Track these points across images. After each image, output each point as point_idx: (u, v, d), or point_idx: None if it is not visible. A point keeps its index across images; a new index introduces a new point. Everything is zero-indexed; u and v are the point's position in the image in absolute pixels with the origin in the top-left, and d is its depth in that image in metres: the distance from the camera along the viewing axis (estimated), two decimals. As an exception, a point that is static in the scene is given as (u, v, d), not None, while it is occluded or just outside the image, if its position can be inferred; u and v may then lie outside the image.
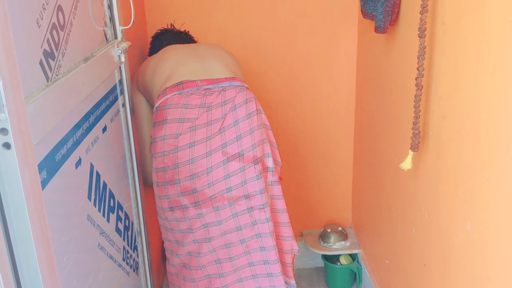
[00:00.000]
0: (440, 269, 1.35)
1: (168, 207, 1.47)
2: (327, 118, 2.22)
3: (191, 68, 1.53)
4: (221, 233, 1.48)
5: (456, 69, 1.19)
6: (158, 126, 1.44)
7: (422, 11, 1.25)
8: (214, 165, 1.42)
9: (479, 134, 1.09)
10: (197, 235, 1.48)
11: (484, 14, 1.05)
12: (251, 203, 1.46)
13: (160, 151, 1.44)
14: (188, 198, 1.44)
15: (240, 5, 2.04)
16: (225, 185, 1.44)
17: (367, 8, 1.72)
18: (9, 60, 0.67)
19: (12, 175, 0.68)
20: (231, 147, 1.44)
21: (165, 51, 1.63)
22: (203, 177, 1.42)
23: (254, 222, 1.48)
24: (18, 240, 0.71)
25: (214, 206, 1.45)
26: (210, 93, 1.47)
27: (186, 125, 1.42)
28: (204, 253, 1.50)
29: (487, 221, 1.08)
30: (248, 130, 1.46)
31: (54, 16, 0.89)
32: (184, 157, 1.41)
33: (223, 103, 1.46)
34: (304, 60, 2.13)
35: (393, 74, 1.64)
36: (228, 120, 1.45)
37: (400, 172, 1.61)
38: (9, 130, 0.67)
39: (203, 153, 1.42)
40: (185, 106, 1.44)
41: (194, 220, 1.46)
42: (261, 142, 1.49)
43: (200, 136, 1.42)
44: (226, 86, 1.50)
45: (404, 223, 1.62)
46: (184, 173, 1.42)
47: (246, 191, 1.45)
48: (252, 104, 1.49)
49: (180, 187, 1.43)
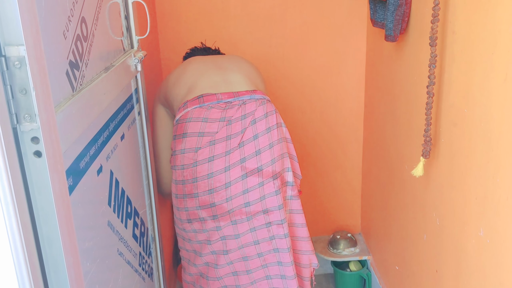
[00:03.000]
0: (452, 275, 1.36)
1: (186, 219, 1.48)
2: (336, 125, 2.24)
3: (212, 80, 1.54)
4: (238, 246, 1.48)
5: (467, 77, 1.21)
6: (178, 139, 1.45)
7: (433, 20, 1.27)
8: (233, 180, 1.42)
9: (491, 141, 1.11)
10: (215, 246, 1.49)
11: (495, 23, 1.07)
12: (269, 218, 1.46)
13: (180, 164, 1.45)
14: (207, 212, 1.45)
15: (250, 14, 2.07)
16: (243, 199, 1.44)
17: (376, 17, 1.75)
18: (40, 71, 0.69)
19: (42, 182, 0.70)
20: (250, 162, 1.43)
21: (187, 63, 1.63)
22: (222, 191, 1.42)
23: (272, 237, 1.48)
24: (47, 245, 0.74)
25: (232, 219, 1.45)
26: (230, 107, 1.47)
27: (205, 139, 1.42)
28: (222, 264, 1.50)
29: (500, 227, 1.10)
30: (267, 145, 1.45)
31: (79, 27, 0.91)
32: (203, 171, 1.42)
33: (243, 117, 1.46)
34: (314, 68, 2.16)
35: (403, 82, 1.66)
36: (248, 134, 1.45)
37: (410, 178, 1.63)
38: (41, 139, 0.69)
39: (221, 167, 1.42)
40: (205, 120, 1.44)
41: (212, 232, 1.47)
42: (281, 157, 1.49)
43: (219, 151, 1.42)
44: (246, 99, 1.49)
45: (415, 229, 1.63)
46: (203, 187, 1.42)
47: (264, 206, 1.45)
48: (273, 117, 1.49)
49: (198, 201, 1.44)
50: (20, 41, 0.65)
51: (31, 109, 0.68)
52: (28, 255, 0.67)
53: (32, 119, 0.68)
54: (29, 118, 0.68)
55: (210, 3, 2.04)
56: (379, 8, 1.71)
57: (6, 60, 0.65)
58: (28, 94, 0.67)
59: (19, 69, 0.66)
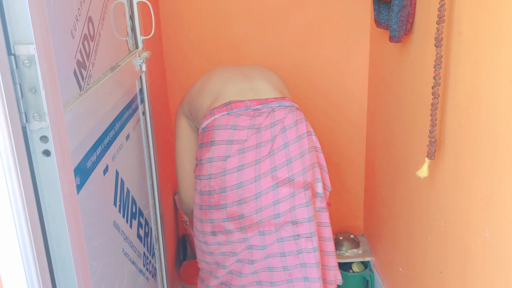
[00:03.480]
0: (457, 276, 1.36)
1: (211, 231, 1.41)
2: (339, 126, 2.24)
3: (239, 88, 1.48)
4: (264, 256, 1.42)
5: (473, 78, 1.21)
6: (205, 147, 1.39)
7: (438, 21, 1.27)
8: (263, 190, 1.36)
9: (497, 142, 1.11)
10: (241, 255, 1.43)
11: (501, 23, 1.06)
12: (298, 230, 1.40)
13: (206, 173, 1.38)
14: (234, 224, 1.38)
15: (254, 14, 2.07)
16: (273, 211, 1.37)
17: (380, 18, 1.75)
18: (49, 70, 0.69)
19: (51, 181, 0.70)
20: (281, 172, 1.37)
21: (211, 72, 1.59)
22: (252, 202, 1.36)
23: (299, 251, 1.41)
24: (55, 244, 0.74)
25: (260, 230, 1.39)
26: (259, 114, 1.41)
27: (234, 147, 1.36)
28: (246, 273, 1.44)
29: (506, 228, 1.09)
30: (298, 154, 1.39)
31: (86, 27, 0.91)
32: (232, 181, 1.35)
33: (272, 125, 1.40)
34: (317, 69, 2.16)
35: (407, 83, 1.66)
36: (278, 142, 1.38)
37: (415, 180, 1.62)
38: (50, 138, 0.69)
39: (252, 177, 1.36)
40: (233, 128, 1.38)
41: (238, 244, 1.41)
42: (312, 167, 1.43)
43: (249, 159, 1.36)
44: (275, 107, 1.44)
45: (419, 231, 1.63)
46: (232, 198, 1.36)
47: (293, 217, 1.39)
48: (303, 125, 1.43)
49: (226, 212, 1.38)
50: (30, 39, 0.65)
51: (40, 108, 0.68)
52: (37, 253, 0.67)
53: (41, 118, 0.68)
54: (38, 117, 0.68)
55: (213, 3, 2.04)
56: (383, 9, 1.71)
57: (15, 58, 0.65)
58: (38, 93, 0.67)
59: (28, 67, 0.66)
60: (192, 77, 2.12)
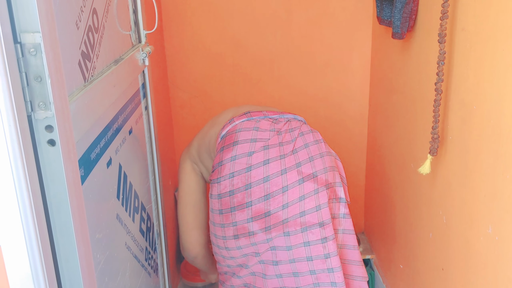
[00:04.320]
0: (459, 273, 1.35)
1: (233, 235, 1.39)
2: (340, 123, 2.24)
3: (252, 108, 1.55)
4: (289, 259, 1.39)
5: (477, 74, 1.21)
6: (227, 148, 1.40)
7: (442, 17, 1.27)
8: (290, 183, 1.36)
9: (501, 138, 1.11)
10: (264, 256, 1.40)
11: (506, 20, 1.06)
12: (326, 233, 1.38)
13: (228, 172, 1.37)
14: (259, 224, 1.37)
15: (255, 11, 2.06)
16: (299, 208, 1.36)
17: (383, 15, 1.74)
18: (55, 59, 0.69)
19: (56, 171, 0.70)
20: (305, 167, 1.38)
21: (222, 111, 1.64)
22: (278, 196, 1.35)
23: (327, 255, 1.39)
24: (59, 234, 0.73)
25: (285, 231, 1.37)
26: (277, 122, 1.46)
27: (259, 144, 1.38)
28: (270, 275, 1.41)
29: (509, 224, 1.09)
30: (318, 154, 1.42)
31: (90, 18, 0.91)
32: (258, 175, 1.35)
33: (291, 130, 1.44)
34: (318, 66, 2.15)
35: (410, 80, 1.66)
36: (299, 143, 1.42)
37: (417, 177, 1.62)
38: (55, 127, 0.69)
39: (278, 170, 1.36)
40: (256, 129, 1.41)
41: (261, 245, 1.39)
42: (332, 169, 1.43)
43: (274, 154, 1.38)
44: (291, 118, 1.51)
45: (421, 228, 1.63)
46: (258, 194, 1.35)
47: (320, 218, 1.38)
48: (317, 134, 1.48)
49: (251, 211, 1.36)
50: (36, 28, 0.64)
51: (46, 97, 0.67)
52: (42, 243, 0.67)
53: (47, 107, 0.68)
54: (43, 106, 0.68)
55: (215, 2, 2.04)
56: (385, 6, 1.71)
57: (21, 47, 0.65)
58: (43, 82, 0.67)
59: (34, 56, 0.65)
60: (194, 73, 2.12)
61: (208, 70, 2.12)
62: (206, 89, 2.14)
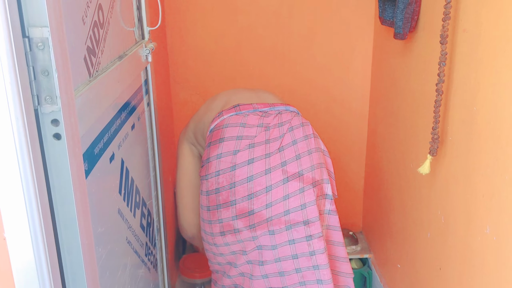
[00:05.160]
0: (457, 272, 1.37)
1: (220, 231, 1.40)
2: (340, 122, 2.25)
3: (245, 96, 1.54)
4: (275, 258, 1.40)
5: (477, 76, 1.21)
6: (214, 145, 1.40)
7: (444, 18, 1.28)
8: (274, 183, 1.36)
9: (500, 139, 1.12)
10: (251, 256, 1.42)
11: (507, 22, 1.07)
12: (310, 231, 1.38)
13: (214, 170, 1.39)
14: (243, 221, 1.37)
15: (258, 11, 2.07)
16: (283, 207, 1.36)
17: (385, 15, 1.75)
18: (62, 54, 0.70)
19: (61, 165, 0.71)
20: (291, 166, 1.38)
21: (216, 94, 1.65)
22: (262, 196, 1.36)
23: (312, 252, 1.39)
24: (62, 226, 0.74)
25: (270, 229, 1.37)
26: (266, 115, 1.45)
27: (244, 142, 1.37)
28: (257, 276, 1.42)
29: (507, 224, 1.10)
30: (306, 151, 1.41)
31: (96, 14, 0.92)
32: (242, 175, 1.36)
33: (280, 124, 1.43)
34: (320, 66, 2.16)
35: (411, 79, 1.67)
36: (287, 139, 1.40)
37: (415, 176, 1.63)
38: (61, 121, 0.69)
39: (262, 170, 1.36)
40: (243, 125, 1.40)
41: (247, 242, 1.40)
42: (319, 166, 1.43)
43: (259, 153, 1.37)
44: (282, 110, 1.49)
45: (419, 227, 1.64)
46: (241, 193, 1.36)
47: (305, 217, 1.38)
48: (308, 127, 1.46)
49: (235, 209, 1.37)
50: (44, 22, 0.65)
51: (53, 91, 0.68)
52: (46, 236, 0.68)
53: (53, 101, 0.68)
54: (50, 100, 0.68)
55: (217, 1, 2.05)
56: (388, 6, 1.72)
57: (29, 41, 0.66)
58: (50, 76, 0.67)
59: (42, 50, 0.66)
60: (195, 71, 2.13)
61: (209, 67, 2.13)
62: (208, 87, 2.14)
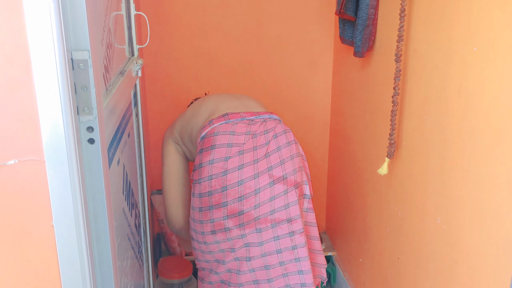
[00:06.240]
0: (413, 260, 1.57)
1: (211, 230, 1.54)
2: (304, 132, 2.44)
3: (232, 105, 1.67)
4: (261, 254, 1.56)
5: (427, 89, 1.43)
6: (206, 151, 1.53)
7: (398, 39, 1.49)
8: (261, 186, 1.52)
9: (447, 143, 1.33)
10: (239, 253, 1.56)
11: (451, 44, 1.29)
12: (293, 227, 1.55)
13: (207, 175, 1.52)
14: (233, 221, 1.52)
15: (229, 28, 2.24)
16: (269, 207, 1.53)
17: (345, 35, 1.96)
18: (96, 73, 0.84)
19: (95, 165, 0.84)
20: (276, 170, 1.54)
21: (201, 99, 1.78)
22: (251, 198, 1.51)
23: (294, 247, 1.56)
24: (92, 217, 0.87)
25: (257, 227, 1.53)
26: (253, 123, 1.59)
27: (234, 149, 1.52)
28: (244, 271, 1.57)
29: (454, 214, 1.31)
30: (289, 156, 1.58)
31: (108, 36, 1.06)
32: (233, 179, 1.51)
33: (266, 132, 1.58)
34: (285, 80, 2.35)
35: (369, 92, 1.88)
36: (272, 146, 1.56)
37: (375, 178, 1.84)
38: (95, 128, 0.83)
39: (251, 175, 1.51)
40: (232, 133, 1.54)
41: (236, 240, 1.54)
42: (300, 169, 1.61)
43: (248, 159, 1.52)
44: (266, 118, 1.65)
45: (379, 223, 1.84)
46: (233, 195, 1.51)
47: (288, 215, 1.54)
48: (290, 134, 1.64)
49: (227, 210, 1.51)
50: (86, 47, 0.79)
51: (89, 103, 0.82)
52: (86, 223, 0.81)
53: (90, 112, 0.82)
54: (87, 111, 0.82)
55: (191, 17, 2.20)
56: (347, 27, 1.93)
57: (72, 62, 0.79)
58: (88, 91, 0.81)
59: (82, 70, 0.80)
60: (170, 83, 2.27)
61: (184, 80, 2.28)
62: (182, 99, 2.29)
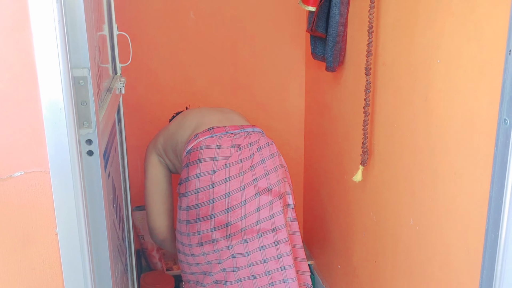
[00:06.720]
0: (389, 261, 1.65)
1: (198, 242, 1.58)
2: (280, 144, 2.52)
3: (216, 118, 1.73)
4: (248, 264, 1.60)
5: (396, 99, 1.53)
6: (192, 165, 1.57)
7: (367, 54, 1.60)
8: (248, 198, 1.58)
9: (416, 149, 1.42)
10: (226, 264, 1.59)
11: (416, 57, 1.39)
12: (278, 237, 1.60)
13: (194, 188, 1.55)
14: (221, 232, 1.56)
15: (204, 47, 2.32)
16: (255, 218, 1.58)
17: (316, 51, 2.06)
18: (94, 89, 0.89)
19: (95, 176, 0.89)
20: (261, 182, 1.60)
21: (184, 113, 1.83)
22: (238, 209, 1.56)
23: (279, 255, 1.61)
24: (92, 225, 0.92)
25: (244, 238, 1.58)
26: (237, 137, 1.65)
27: (220, 162, 1.56)
28: (231, 281, 1.61)
29: (425, 215, 1.40)
30: (273, 168, 1.64)
31: (98, 56, 1.11)
32: (220, 191, 1.55)
33: (250, 145, 1.64)
34: (260, 95, 2.44)
35: (342, 104, 1.98)
36: (256, 158, 1.62)
37: (350, 185, 1.92)
38: (94, 141, 0.89)
39: (237, 187, 1.56)
40: (218, 147, 1.59)
41: (223, 251, 1.58)
42: (283, 180, 1.68)
43: (234, 172, 1.57)
44: (250, 131, 1.71)
45: (355, 229, 1.92)
46: (220, 207, 1.55)
47: (273, 225, 1.60)
48: (273, 146, 1.70)
49: (214, 222, 1.55)
50: (86, 64, 0.85)
51: (89, 117, 0.87)
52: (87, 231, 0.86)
53: (89, 125, 0.88)
54: (87, 124, 0.87)
55: (167, 36, 2.27)
56: (318, 44, 2.03)
57: (73, 79, 0.85)
58: (87, 106, 0.87)
59: (82, 86, 0.86)
60: (147, 101, 2.32)
61: (161, 97, 2.33)
62: (159, 116, 2.34)
